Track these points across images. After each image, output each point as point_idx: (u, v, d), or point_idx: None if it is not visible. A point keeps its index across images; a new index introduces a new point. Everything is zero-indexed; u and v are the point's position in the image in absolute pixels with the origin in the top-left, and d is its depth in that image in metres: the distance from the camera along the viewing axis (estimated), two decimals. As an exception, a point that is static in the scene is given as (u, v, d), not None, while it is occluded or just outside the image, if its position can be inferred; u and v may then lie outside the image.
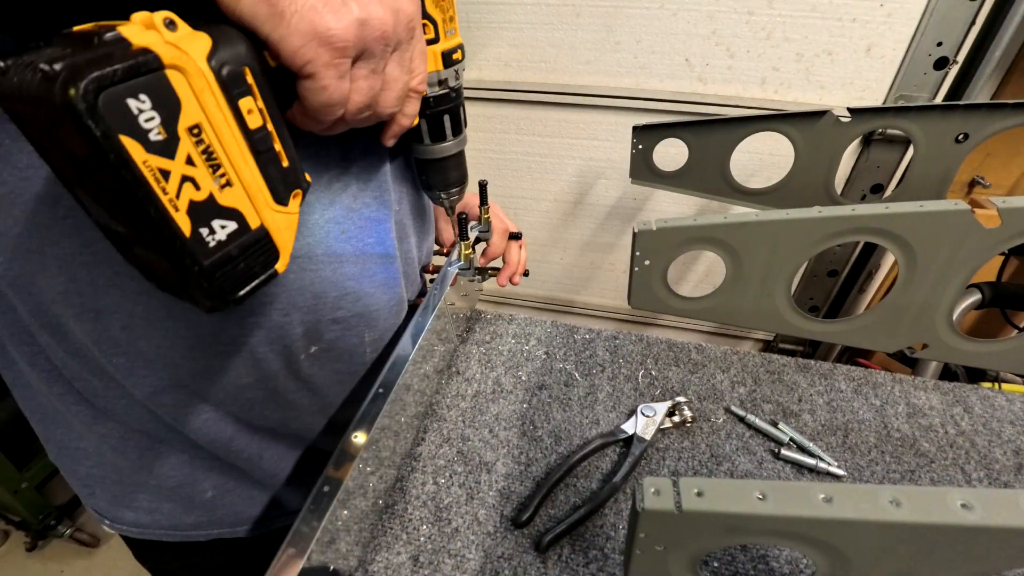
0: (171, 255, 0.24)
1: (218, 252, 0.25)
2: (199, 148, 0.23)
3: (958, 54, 0.86)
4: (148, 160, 0.21)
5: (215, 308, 0.26)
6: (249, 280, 0.27)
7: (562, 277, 1.30)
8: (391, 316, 0.48)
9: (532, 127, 1.09)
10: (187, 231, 0.23)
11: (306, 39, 0.25)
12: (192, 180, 0.23)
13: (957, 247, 0.44)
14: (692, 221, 0.47)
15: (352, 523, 0.38)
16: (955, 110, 0.63)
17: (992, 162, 1.02)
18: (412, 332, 0.48)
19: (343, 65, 0.27)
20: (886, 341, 0.52)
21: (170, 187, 0.22)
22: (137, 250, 0.26)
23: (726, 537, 0.27)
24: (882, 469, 0.47)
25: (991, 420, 0.52)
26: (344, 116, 0.30)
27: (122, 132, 0.20)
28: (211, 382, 0.40)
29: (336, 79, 0.27)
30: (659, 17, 0.93)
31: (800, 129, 0.68)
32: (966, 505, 0.23)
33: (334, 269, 0.40)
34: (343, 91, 0.28)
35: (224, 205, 0.25)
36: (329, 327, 0.42)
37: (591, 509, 0.42)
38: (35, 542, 1.35)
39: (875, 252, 1.09)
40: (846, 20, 0.88)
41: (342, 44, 0.26)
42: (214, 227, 0.24)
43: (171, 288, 0.26)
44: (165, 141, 0.22)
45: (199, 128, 0.23)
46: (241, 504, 0.48)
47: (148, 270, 0.26)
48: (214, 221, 0.24)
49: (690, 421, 0.50)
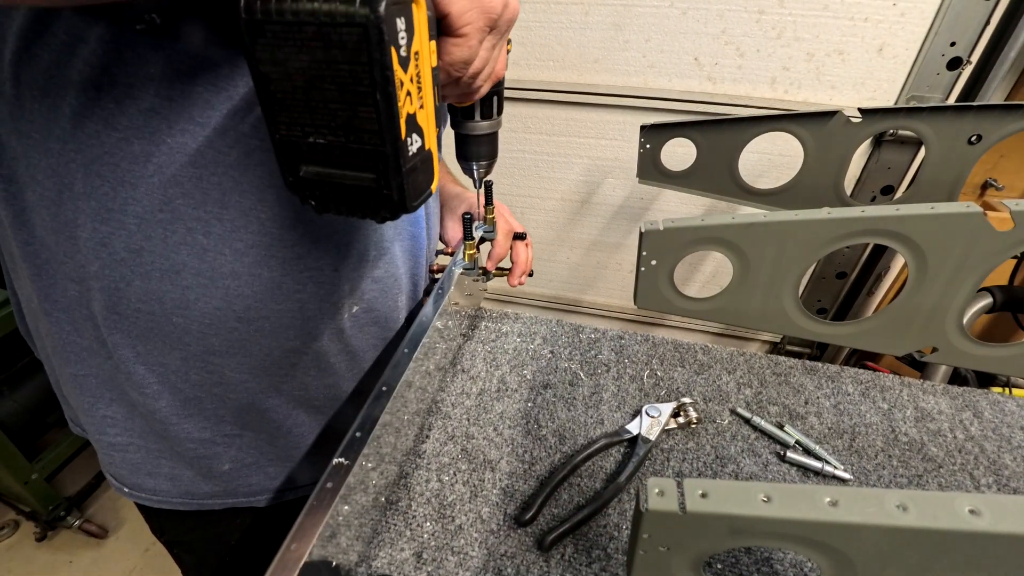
0: (387, 157, 0.27)
1: (412, 161, 0.29)
2: (416, 71, 0.27)
3: (972, 54, 0.85)
4: (398, 71, 0.25)
5: (396, 214, 0.30)
6: (423, 191, 0.31)
7: (568, 276, 1.30)
8: (413, 285, 0.54)
9: (540, 125, 1.09)
10: (403, 134, 0.27)
11: (474, 4, 0.29)
12: (411, 95, 0.27)
13: (968, 250, 0.44)
14: (699, 221, 0.46)
15: (353, 518, 0.38)
16: (968, 111, 0.63)
17: (1006, 164, 1.01)
18: (415, 329, 0.49)
19: (486, 32, 0.31)
20: (895, 344, 0.51)
21: (401, 95, 0.26)
22: (316, 169, 0.29)
23: (730, 539, 0.26)
24: (889, 473, 0.46)
25: (1001, 425, 0.51)
26: (462, 78, 0.33)
27: (392, 43, 0.24)
28: (261, 345, 0.43)
29: (478, 42, 0.31)
30: (669, 16, 0.92)
31: (810, 129, 0.67)
32: (975, 511, 0.23)
33: (374, 228, 0.45)
34: (476, 54, 0.32)
35: (419, 123, 0.29)
36: (370, 286, 0.47)
37: (595, 509, 0.42)
38: (44, 532, 1.37)
39: (885, 254, 1.08)
40: (858, 19, 0.87)
41: (495, 15, 0.31)
42: (413, 138, 0.29)
43: (348, 201, 0.30)
44: (406, 58, 0.26)
45: (419, 55, 0.27)
46: (256, 478, 0.51)
47: (320, 187, 0.29)
48: (413, 134, 0.28)
49: (695, 422, 0.50)
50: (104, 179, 0.34)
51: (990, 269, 0.45)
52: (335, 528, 0.35)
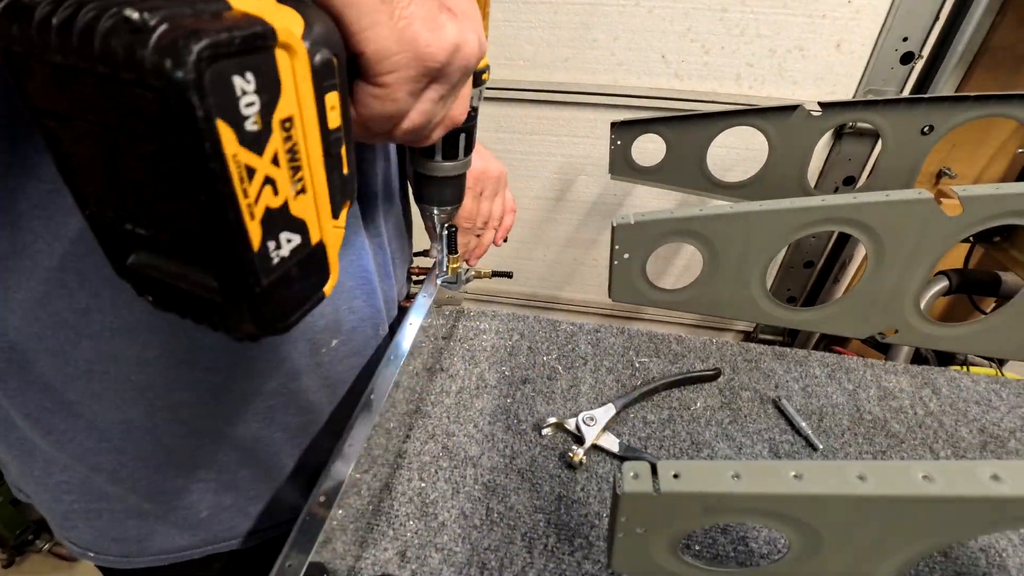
0: (228, 272, 0.19)
1: (279, 270, 0.21)
2: (286, 146, 0.19)
3: (923, 48, 0.89)
4: (239, 154, 0.17)
5: (256, 336, 0.21)
6: (300, 304, 0.23)
7: (545, 274, 1.31)
8: (389, 308, 0.50)
9: (511, 124, 1.09)
10: (256, 244, 0.19)
11: (403, 47, 0.23)
12: (273, 183, 0.19)
13: (922, 235, 0.46)
14: (669, 214, 0.48)
15: (348, 522, 0.38)
16: (920, 103, 0.65)
17: (958, 153, 1.05)
18: (402, 334, 0.49)
19: (421, 84, 0.25)
20: (857, 327, 0.53)
21: (252, 189, 0.18)
22: (147, 259, 0.21)
23: (704, 517, 0.27)
24: (855, 451, 0.48)
25: (957, 400, 0.54)
26: (392, 132, 0.28)
27: (221, 116, 0.16)
28: (233, 392, 0.40)
29: (407, 95, 0.25)
30: (635, 15, 0.94)
31: (773, 123, 0.69)
32: (927, 477, 0.24)
33: (350, 260, 0.42)
34: (407, 108, 0.26)
35: (295, 215, 0.21)
36: (347, 317, 0.44)
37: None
38: (12, 558, 1.32)
39: (848, 243, 1.12)
40: (816, 16, 0.90)
41: (433, 64, 0.24)
42: (281, 240, 0.20)
43: (191, 309, 0.21)
44: (258, 133, 0.18)
45: (291, 122, 0.19)
46: (235, 519, 0.47)
47: (154, 284, 0.21)
48: (282, 234, 0.20)
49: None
50: (37, 235, 0.30)
51: (943, 252, 0.47)
52: (329, 533, 0.35)
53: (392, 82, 0.24)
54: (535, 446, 0.48)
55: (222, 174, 0.17)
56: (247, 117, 0.17)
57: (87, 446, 0.39)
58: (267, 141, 0.18)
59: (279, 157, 0.19)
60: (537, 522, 0.42)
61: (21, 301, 0.32)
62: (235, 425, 0.42)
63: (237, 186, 0.17)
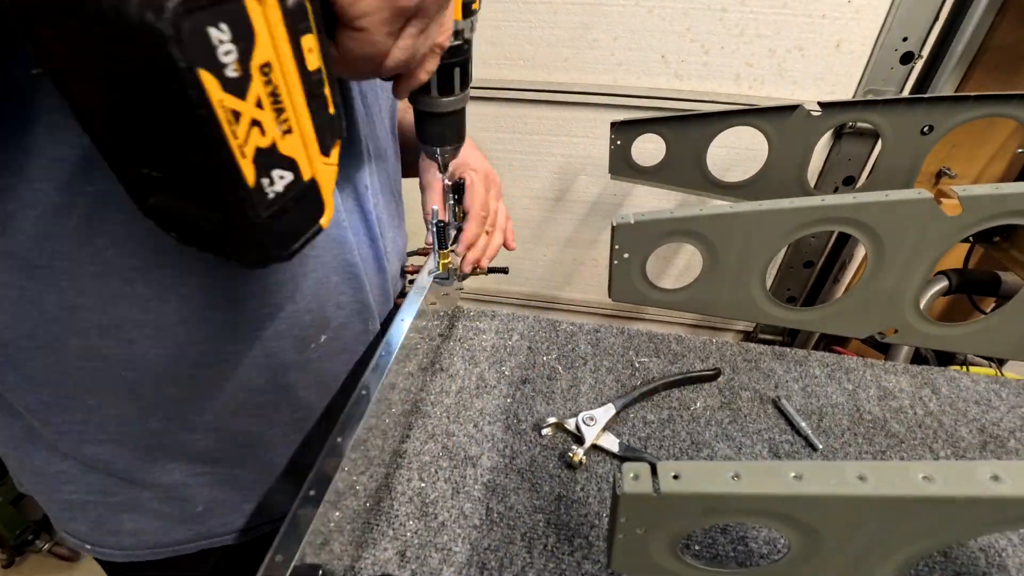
0: (229, 207, 0.22)
1: (276, 204, 0.23)
2: (267, 89, 0.21)
3: (923, 48, 0.89)
4: (224, 100, 0.19)
5: (263, 263, 0.25)
6: (299, 235, 0.26)
7: (545, 273, 1.31)
8: (382, 301, 0.50)
9: (511, 124, 1.09)
10: (251, 180, 0.21)
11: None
12: (259, 124, 0.21)
13: (922, 235, 0.46)
14: (669, 214, 0.48)
15: (345, 523, 0.38)
16: (920, 103, 0.65)
17: (958, 153, 1.05)
18: (393, 332, 0.49)
19: (398, 24, 0.26)
20: (858, 327, 0.53)
21: (240, 131, 0.20)
22: (164, 199, 0.23)
23: (703, 518, 0.27)
24: (855, 451, 0.48)
25: (957, 400, 0.54)
26: (378, 71, 0.28)
27: (202, 66, 0.18)
28: (223, 388, 0.40)
29: (385, 36, 0.26)
30: (635, 15, 0.94)
31: (773, 123, 0.69)
32: (927, 477, 0.24)
33: (335, 254, 0.42)
34: (387, 47, 0.26)
35: (284, 154, 0.23)
36: (335, 313, 0.44)
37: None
38: (12, 558, 1.31)
39: (848, 243, 1.12)
40: (816, 16, 0.90)
41: (407, 4, 0.25)
42: (274, 177, 0.23)
43: (206, 241, 0.24)
44: (239, 79, 0.19)
45: (269, 67, 0.21)
46: (230, 515, 0.48)
47: (175, 221, 0.24)
48: (274, 171, 0.23)
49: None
50: (25, 234, 0.30)
51: (943, 252, 0.47)
52: (326, 535, 0.35)
53: (368, 25, 0.24)
54: (535, 446, 0.48)
55: (209, 118, 0.19)
56: (226, 64, 0.19)
57: (84, 438, 0.40)
58: (248, 86, 0.20)
59: (262, 100, 0.21)
60: (537, 522, 0.42)
61: (12, 299, 0.32)
62: (227, 421, 0.42)
63: (226, 128, 0.19)
